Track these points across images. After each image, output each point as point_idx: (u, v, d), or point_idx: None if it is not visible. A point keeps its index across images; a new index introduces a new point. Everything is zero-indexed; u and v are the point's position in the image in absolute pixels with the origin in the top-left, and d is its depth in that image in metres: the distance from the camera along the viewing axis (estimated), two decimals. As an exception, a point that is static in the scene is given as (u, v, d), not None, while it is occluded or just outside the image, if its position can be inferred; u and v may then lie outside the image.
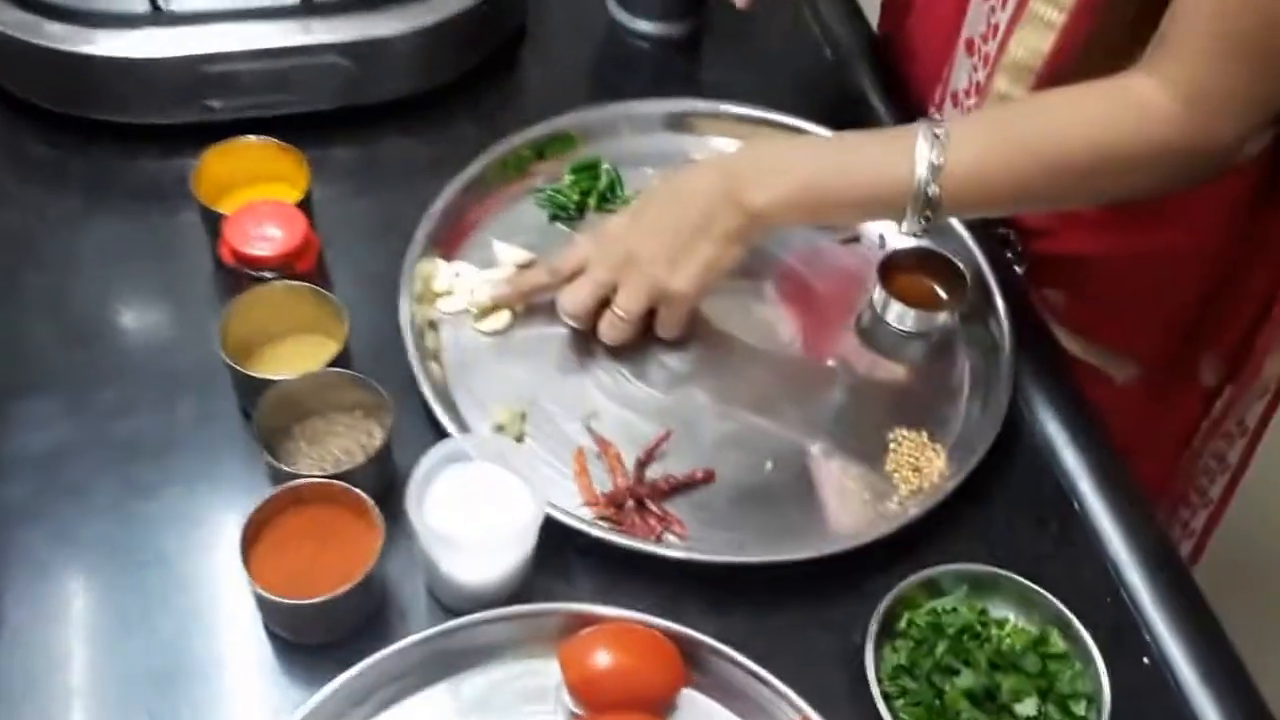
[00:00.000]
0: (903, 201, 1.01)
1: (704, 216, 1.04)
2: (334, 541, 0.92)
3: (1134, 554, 1.02)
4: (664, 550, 0.98)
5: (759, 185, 1.03)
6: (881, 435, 1.08)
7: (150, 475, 1.01)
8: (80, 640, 0.92)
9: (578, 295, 1.08)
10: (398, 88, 1.27)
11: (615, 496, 1.01)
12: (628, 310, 1.07)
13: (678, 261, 1.05)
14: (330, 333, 1.03)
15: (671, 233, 1.05)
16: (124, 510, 0.99)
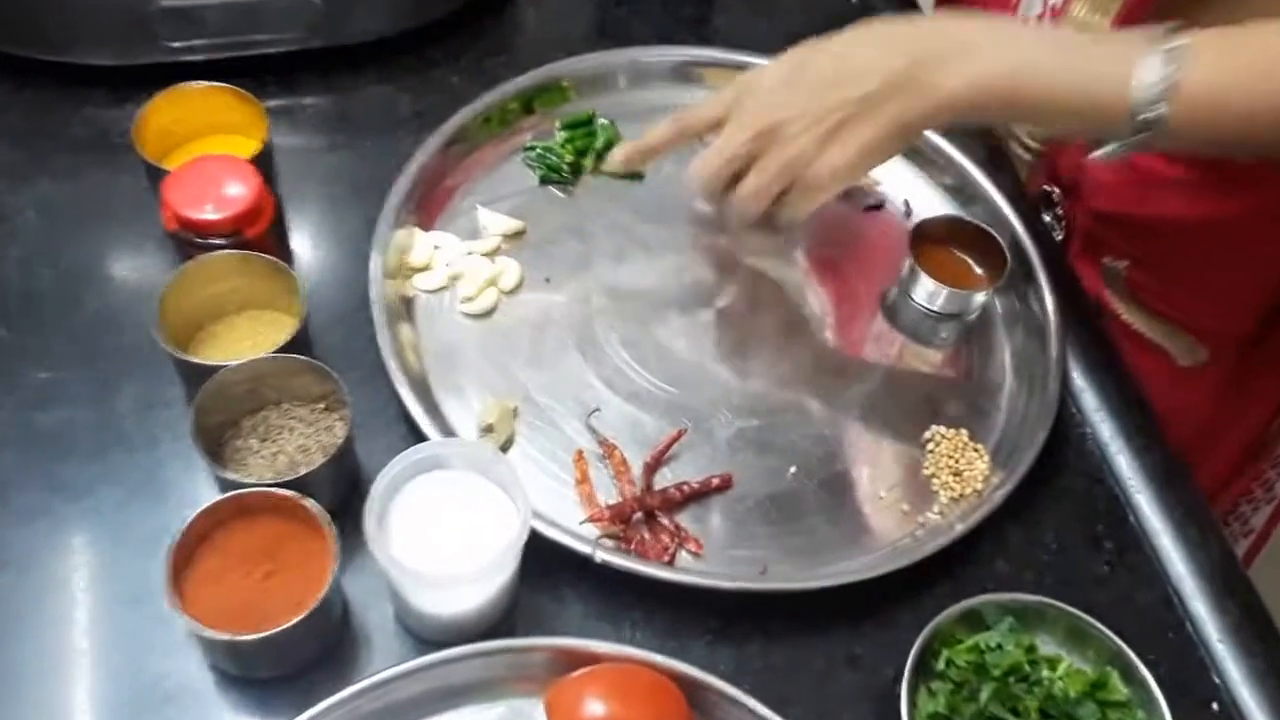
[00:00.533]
0: (1121, 116, 0.85)
1: (876, 92, 0.89)
2: (286, 561, 0.80)
3: (1199, 579, 0.92)
4: (675, 575, 0.86)
5: (953, 65, 0.88)
6: (917, 434, 0.97)
7: (81, 474, 0.89)
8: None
9: (710, 164, 0.94)
10: (375, 27, 1.14)
11: (622, 510, 0.89)
12: (760, 190, 0.93)
13: (831, 139, 0.90)
14: (289, 310, 0.90)
15: (832, 104, 0.89)
16: (49, 514, 0.87)
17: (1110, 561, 0.92)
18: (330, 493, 0.84)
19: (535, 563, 0.83)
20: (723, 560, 0.89)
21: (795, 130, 0.90)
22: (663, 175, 1.10)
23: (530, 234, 1.04)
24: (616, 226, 1.06)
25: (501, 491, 0.80)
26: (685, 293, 1.03)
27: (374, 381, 0.93)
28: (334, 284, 0.98)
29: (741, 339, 1.01)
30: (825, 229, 1.08)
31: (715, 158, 0.94)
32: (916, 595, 0.88)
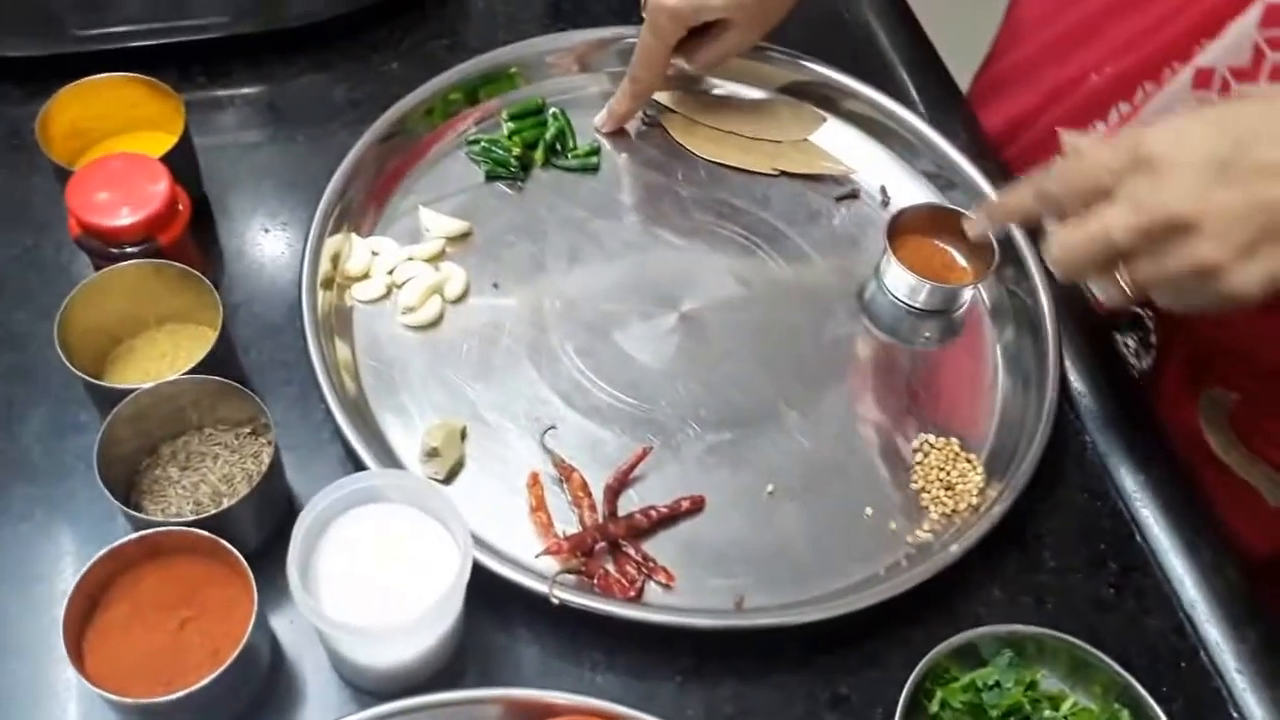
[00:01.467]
0: None
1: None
2: (205, 607, 0.72)
3: (1213, 603, 0.85)
4: (642, 614, 0.78)
5: None
6: (904, 444, 0.90)
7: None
8: None
9: (1081, 249, 0.73)
10: (310, 10, 1.06)
11: (582, 540, 0.81)
12: (1146, 290, 0.74)
13: (1258, 248, 0.69)
14: (214, 324, 0.82)
15: (1267, 205, 0.68)
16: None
17: (1115, 584, 0.84)
18: (257, 526, 0.77)
19: (487, 599, 0.76)
20: (695, 592, 0.81)
21: (1211, 230, 0.69)
22: (618, 164, 1.02)
23: (477, 235, 0.96)
24: (570, 224, 0.98)
25: (441, 528, 0.71)
26: (646, 295, 0.95)
27: (308, 401, 0.85)
28: (264, 293, 0.90)
29: (709, 344, 0.93)
30: (795, 221, 1.00)
31: (1093, 244, 0.73)
32: (906, 627, 0.81)
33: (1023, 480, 0.85)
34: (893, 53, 1.13)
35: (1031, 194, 0.78)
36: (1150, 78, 0.92)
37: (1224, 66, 0.86)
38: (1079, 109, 0.99)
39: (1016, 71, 1.09)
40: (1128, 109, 0.94)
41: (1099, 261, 0.73)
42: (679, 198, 1.00)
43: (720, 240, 0.98)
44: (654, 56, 0.98)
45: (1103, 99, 0.96)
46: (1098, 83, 0.97)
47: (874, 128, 1.05)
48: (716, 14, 0.96)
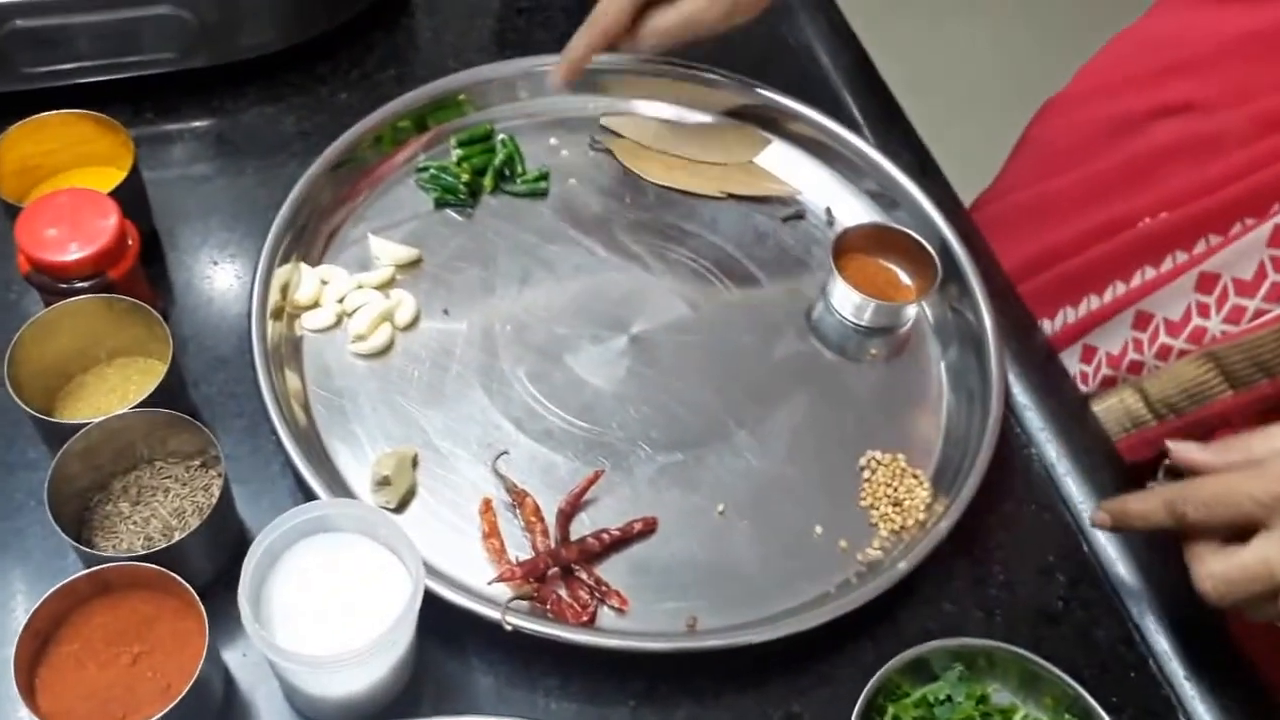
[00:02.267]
0: None
1: None
2: (157, 642, 0.71)
3: (1161, 613, 0.86)
4: (595, 639, 0.78)
5: None
6: (851, 461, 0.90)
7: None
8: None
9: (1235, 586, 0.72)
10: (257, 44, 1.05)
11: (535, 566, 0.80)
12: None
13: None
14: (164, 357, 0.81)
15: None
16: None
17: (1064, 596, 0.85)
18: (208, 559, 0.77)
19: (440, 627, 0.75)
20: (648, 615, 0.81)
21: None
22: (568, 189, 1.02)
23: (426, 262, 0.96)
24: (519, 249, 0.98)
25: (393, 556, 0.71)
26: (597, 318, 0.95)
27: (258, 432, 0.85)
28: (213, 326, 0.90)
29: (659, 366, 0.93)
30: (743, 243, 1.01)
31: (1251, 580, 0.72)
32: (857, 643, 0.81)
33: (969, 495, 0.85)
34: (836, 75, 1.13)
35: (1163, 508, 0.76)
36: (1216, 230, 0.90)
37: (1230, 275, 0.86)
38: (1126, 252, 0.97)
39: (1045, 202, 1.07)
40: (1184, 258, 0.92)
41: (1258, 594, 0.72)
42: (628, 221, 1.01)
43: (669, 263, 0.98)
44: (620, 8, 0.94)
45: (1155, 245, 0.94)
46: (1151, 227, 0.95)
47: (819, 149, 1.05)
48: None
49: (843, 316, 0.97)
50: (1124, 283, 0.96)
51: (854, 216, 1.02)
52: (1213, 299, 0.90)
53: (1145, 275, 0.95)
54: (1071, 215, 1.02)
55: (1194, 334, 0.91)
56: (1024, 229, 1.08)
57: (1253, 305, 0.87)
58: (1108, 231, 0.98)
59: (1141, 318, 0.94)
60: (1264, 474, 0.71)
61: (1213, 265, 0.89)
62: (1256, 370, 0.86)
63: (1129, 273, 0.96)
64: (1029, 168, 1.13)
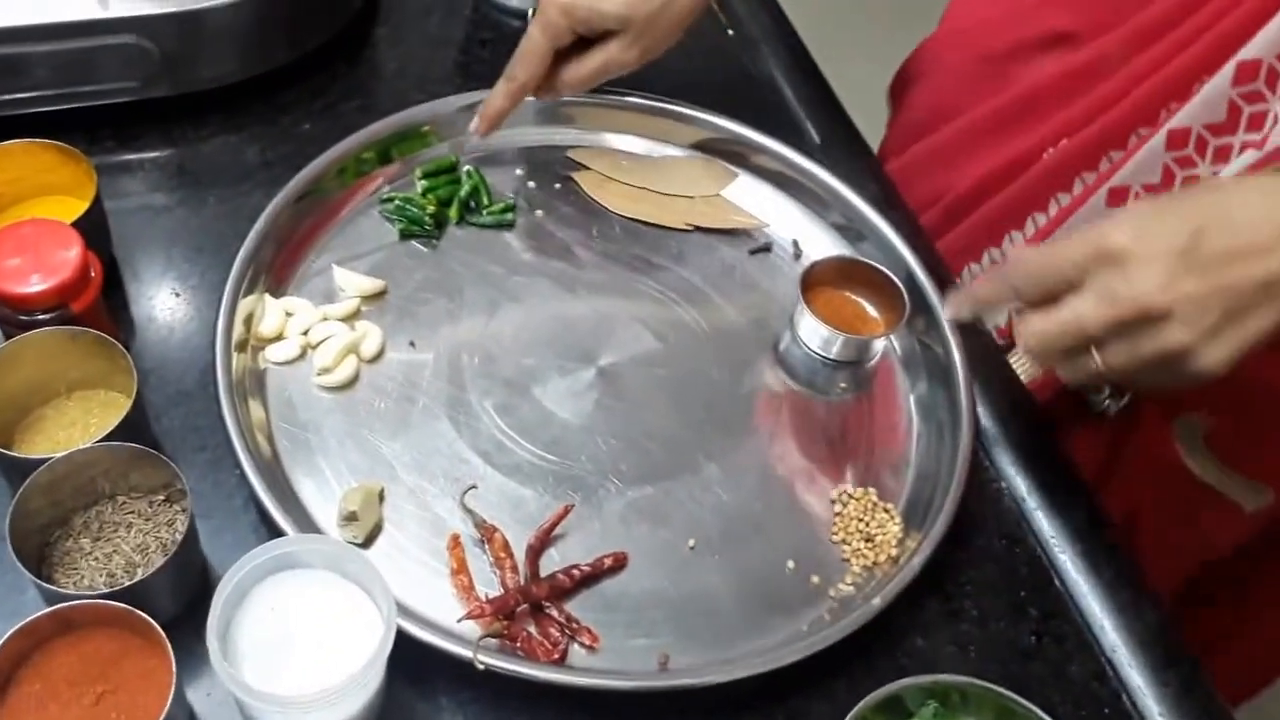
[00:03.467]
0: None
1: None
2: (121, 681, 0.71)
3: (1134, 647, 0.87)
4: (566, 677, 0.78)
5: None
6: (823, 495, 0.91)
7: (-122, 586, 0.78)
8: None
9: (1051, 338, 0.77)
10: (219, 74, 1.05)
11: (505, 603, 0.80)
12: (1118, 375, 0.78)
13: (1222, 329, 0.74)
14: (125, 390, 0.81)
15: (1232, 285, 0.73)
16: None
17: (1037, 631, 0.86)
18: (172, 596, 0.76)
19: (408, 664, 0.75)
20: (620, 652, 0.81)
21: (1181, 316, 0.74)
22: (534, 220, 1.03)
23: (392, 294, 0.96)
24: (485, 280, 0.98)
25: (363, 593, 0.71)
26: (565, 350, 0.95)
27: (222, 466, 0.84)
28: (176, 358, 0.90)
29: (627, 399, 0.93)
30: (710, 276, 1.02)
31: (1065, 335, 0.77)
32: (830, 681, 0.81)
33: (941, 530, 0.86)
34: (799, 107, 1.15)
35: (1001, 286, 0.82)
36: (1115, 146, 0.95)
37: (1199, 124, 0.89)
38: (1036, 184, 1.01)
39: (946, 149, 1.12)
40: (1092, 178, 0.96)
41: (1071, 349, 0.77)
42: (594, 253, 1.01)
43: (636, 295, 0.99)
44: (537, 54, 0.97)
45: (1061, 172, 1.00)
46: (1055, 156, 1.00)
47: (784, 182, 1.06)
48: (609, 22, 0.96)
49: (811, 349, 0.98)
50: (1042, 213, 1.00)
51: (821, 249, 1.03)
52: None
53: (1060, 203, 0.99)
54: (974, 158, 1.06)
55: None
56: (929, 181, 1.12)
57: None
58: (1016, 168, 1.02)
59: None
60: (1078, 239, 0.77)
61: (1119, 179, 0.94)
62: None
63: (1044, 203, 1.00)
64: (916, 117, 1.17)
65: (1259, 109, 0.84)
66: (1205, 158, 0.88)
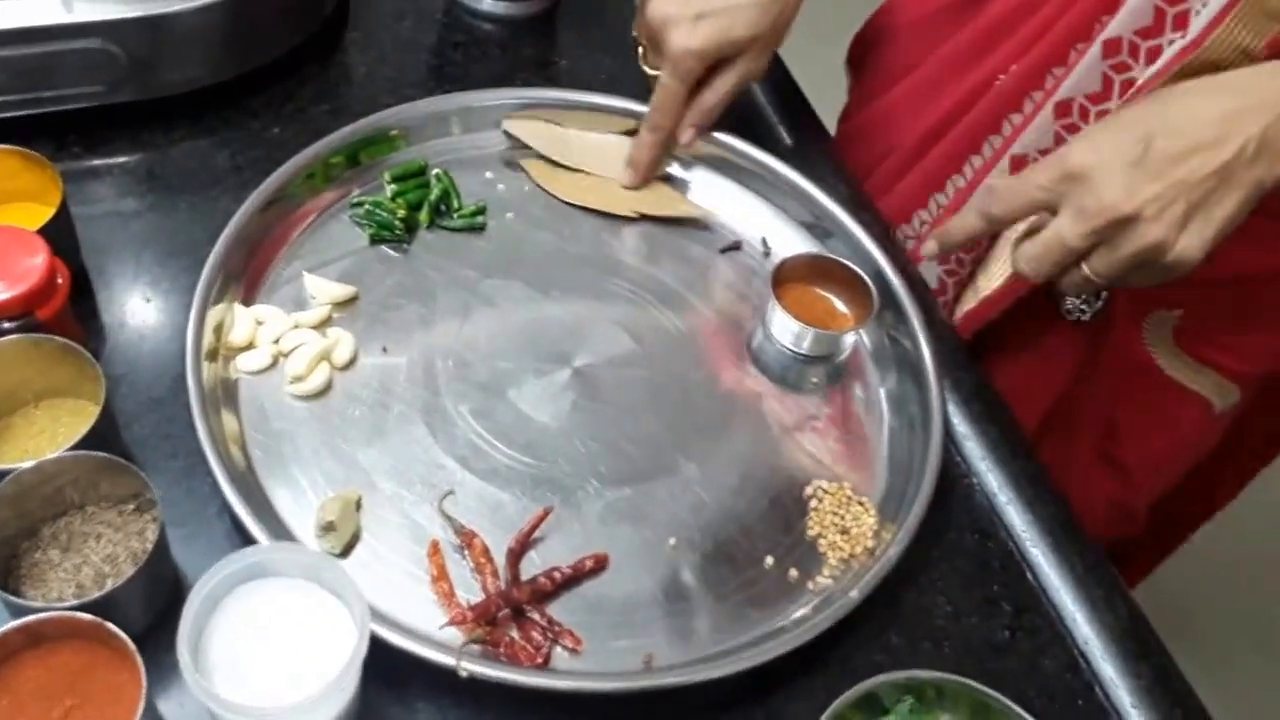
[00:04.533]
0: None
1: (1232, 161, 0.79)
2: (90, 694, 0.67)
3: (1106, 639, 0.85)
4: (549, 681, 0.76)
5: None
6: (798, 490, 0.89)
7: None
8: None
9: (1046, 259, 0.84)
10: (188, 78, 1.02)
11: (487, 609, 0.78)
12: (1108, 279, 0.84)
13: (1188, 220, 0.80)
14: (94, 398, 0.78)
15: (1186, 181, 0.80)
16: None
17: (1010, 625, 0.84)
18: (143, 607, 0.73)
19: (385, 671, 0.72)
20: (603, 654, 0.79)
21: (1149, 215, 0.80)
22: (505, 223, 1.00)
23: (363, 300, 0.93)
24: (458, 284, 0.95)
25: (336, 600, 0.69)
26: (540, 352, 0.93)
27: (194, 474, 0.81)
28: (146, 365, 0.86)
29: (604, 400, 0.91)
30: (682, 275, 0.99)
31: (1051, 252, 0.83)
32: (808, 678, 0.80)
33: (915, 522, 0.84)
34: (769, 109, 1.13)
35: (976, 217, 0.88)
36: (1057, 64, 0.97)
37: (1129, 31, 0.91)
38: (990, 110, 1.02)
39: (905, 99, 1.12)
40: (1040, 95, 0.98)
41: (1060, 264, 0.84)
42: (568, 255, 0.99)
43: (610, 295, 0.97)
44: (675, 100, 0.98)
45: (1012, 95, 1.00)
46: (1006, 82, 1.01)
47: (752, 181, 1.04)
48: (740, 46, 0.97)
49: (783, 346, 0.96)
50: (997, 135, 1.02)
51: (790, 247, 1.01)
52: (1074, 119, 0.96)
53: (1013, 123, 1.00)
54: (929, 104, 1.08)
55: None
56: (887, 133, 1.13)
57: (1113, 105, 0.93)
58: (970, 101, 1.04)
59: (1015, 161, 1.00)
60: (1045, 164, 0.85)
61: (1064, 93, 0.96)
62: None
63: (998, 126, 1.02)
64: (873, 79, 1.18)
65: (1181, 9, 0.87)
66: (1139, 60, 0.91)
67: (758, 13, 0.95)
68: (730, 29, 0.95)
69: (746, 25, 0.95)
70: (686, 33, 0.95)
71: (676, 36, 0.95)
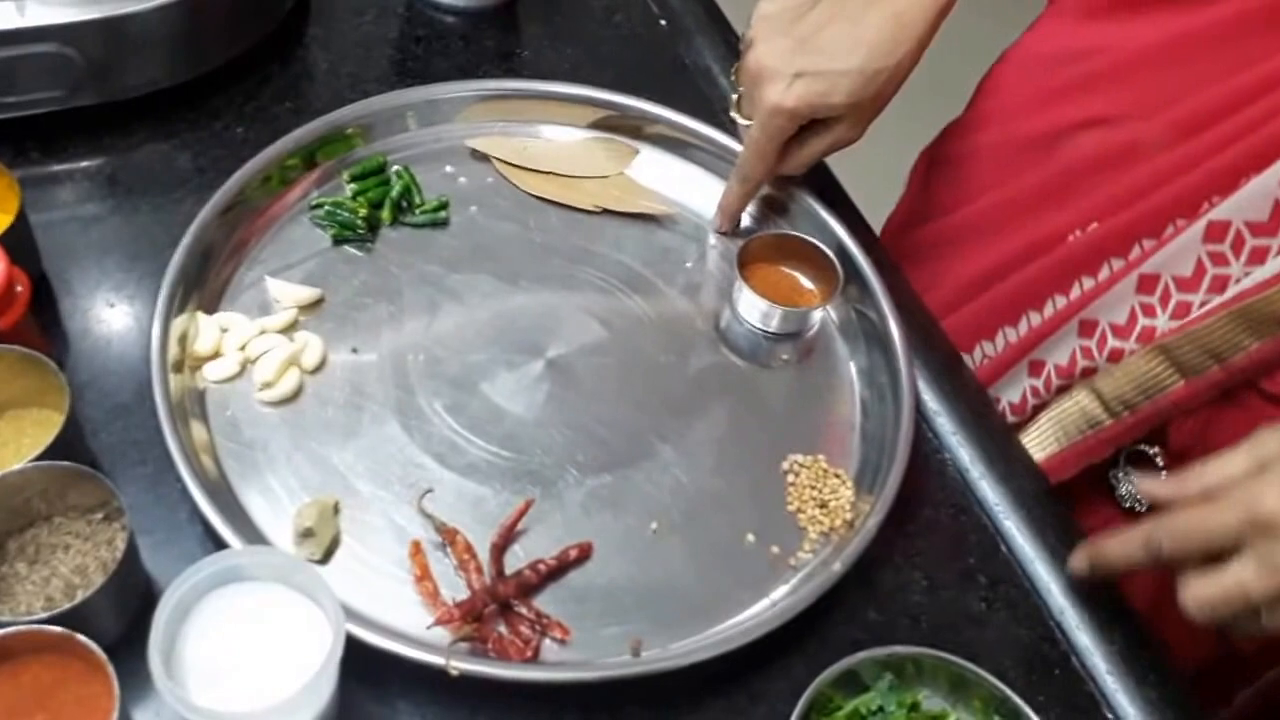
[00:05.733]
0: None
1: None
2: (61, 709, 0.65)
3: (1080, 608, 0.83)
4: (539, 674, 0.74)
5: None
6: (774, 466, 0.87)
7: None
8: None
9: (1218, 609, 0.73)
10: (147, 80, 0.97)
11: (473, 605, 0.75)
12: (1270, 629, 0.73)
13: None
14: (58, 408, 0.75)
15: None
16: None
17: (986, 598, 0.82)
18: (115, 617, 0.71)
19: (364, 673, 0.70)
20: (592, 643, 0.76)
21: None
22: (468, 216, 0.96)
23: (329, 301, 0.89)
24: (425, 280, 0.92)
25: (311, 603, 0.66)
26: (511, 344, 0.89)
27: (163, 482, 0.78)
28: (112, 371, 0.83)
29: (578, 388, 0.88)
30: (649, 260, 0.96)
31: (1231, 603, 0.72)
32: (788, 658, 0.77)
33: (892, 491, 0.82)
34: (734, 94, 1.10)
35: (1141, 546, 0.75)
36: (1149, 235, 0.87)
37: (1240, 220, 0.82)
38: (1060, 267, 0.93)
39: (963, 229, 1.04)
40: (1121, 264, 0.89)
41: (1239, 615, 0.72)
42: (533, 245, 0.95)
43: (578, 284, 0.94)
44: (767, 154, 0.92)
45: (1089, 256, 0.91)
46: (1082, 240, 0.92)
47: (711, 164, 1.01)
48: (836, 111, 0.89)
49: (751, 325, 0.93)
50: (1063, 296, 0.93)
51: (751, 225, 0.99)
52: (1155, 299, 0.87)
53: (1084, 286, 0.92)
54: (993, 239, 0.98)
55: (1143, 334, 0.88)
56: (943, 259, 1.04)
57: (1197, 299, 0.85)
58: (1037, 250, 0.95)
59: (1086, 326, 0.91)
60: (1229, 504, 0.72)
61: (1151, 267, 0.87)
62: (1207, 357, 0.84)
63: (1067, 286, 0.93)
64: (936, 196, 1.09)
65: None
66: (1240, 256, 0.82)
67: (860, 81, 0.87)
68: (828, 94, 0.87)
69: (846, 92, 0.87)
70: (782, 90, 0.87)
71: (771, 92, 0.88)
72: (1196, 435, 0.88)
